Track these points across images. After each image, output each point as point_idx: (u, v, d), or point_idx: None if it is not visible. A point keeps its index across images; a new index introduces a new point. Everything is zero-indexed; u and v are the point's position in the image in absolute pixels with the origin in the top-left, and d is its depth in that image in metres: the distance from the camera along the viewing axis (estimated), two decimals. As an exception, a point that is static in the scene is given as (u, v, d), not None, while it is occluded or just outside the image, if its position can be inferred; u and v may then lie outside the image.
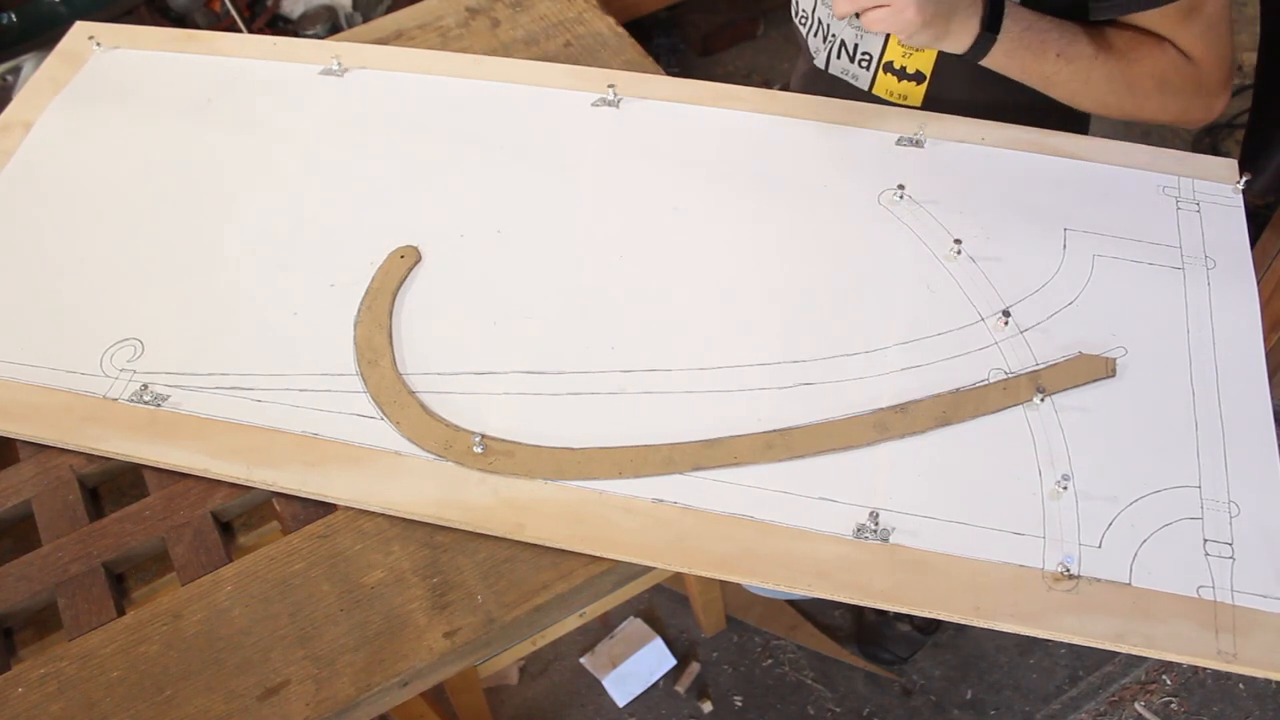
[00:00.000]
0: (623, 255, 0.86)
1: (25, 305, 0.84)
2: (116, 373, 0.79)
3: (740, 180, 0.91)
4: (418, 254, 0.85)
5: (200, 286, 0.84)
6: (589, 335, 0.80)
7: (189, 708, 0.65)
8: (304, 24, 2.06)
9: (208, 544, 0.73)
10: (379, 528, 0.73)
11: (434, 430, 0.74)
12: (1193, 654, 0.64)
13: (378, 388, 0.77)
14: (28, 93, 1.00)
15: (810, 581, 0.68)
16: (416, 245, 0.86)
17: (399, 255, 0.85)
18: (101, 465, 0.76)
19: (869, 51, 1.01)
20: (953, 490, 0.71)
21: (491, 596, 0.69)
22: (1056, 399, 0.76)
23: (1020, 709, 1.46)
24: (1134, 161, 0.91)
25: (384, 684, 0.66)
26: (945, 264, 0.84)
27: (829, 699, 1.47)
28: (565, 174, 0.92)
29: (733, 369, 0.78)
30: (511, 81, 1.00)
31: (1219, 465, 0.72)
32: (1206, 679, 1.47)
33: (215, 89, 1.00)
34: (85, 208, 0.91)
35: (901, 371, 0.77)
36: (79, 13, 1.80)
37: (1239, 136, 1.99)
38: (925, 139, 0.93)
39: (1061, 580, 0.67)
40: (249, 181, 0.92)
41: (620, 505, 0.71)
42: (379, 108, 0.98)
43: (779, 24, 2.38)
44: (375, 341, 0.79)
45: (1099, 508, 0.70)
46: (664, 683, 1.49)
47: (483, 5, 1.11)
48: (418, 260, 0.85)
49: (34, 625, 0.73)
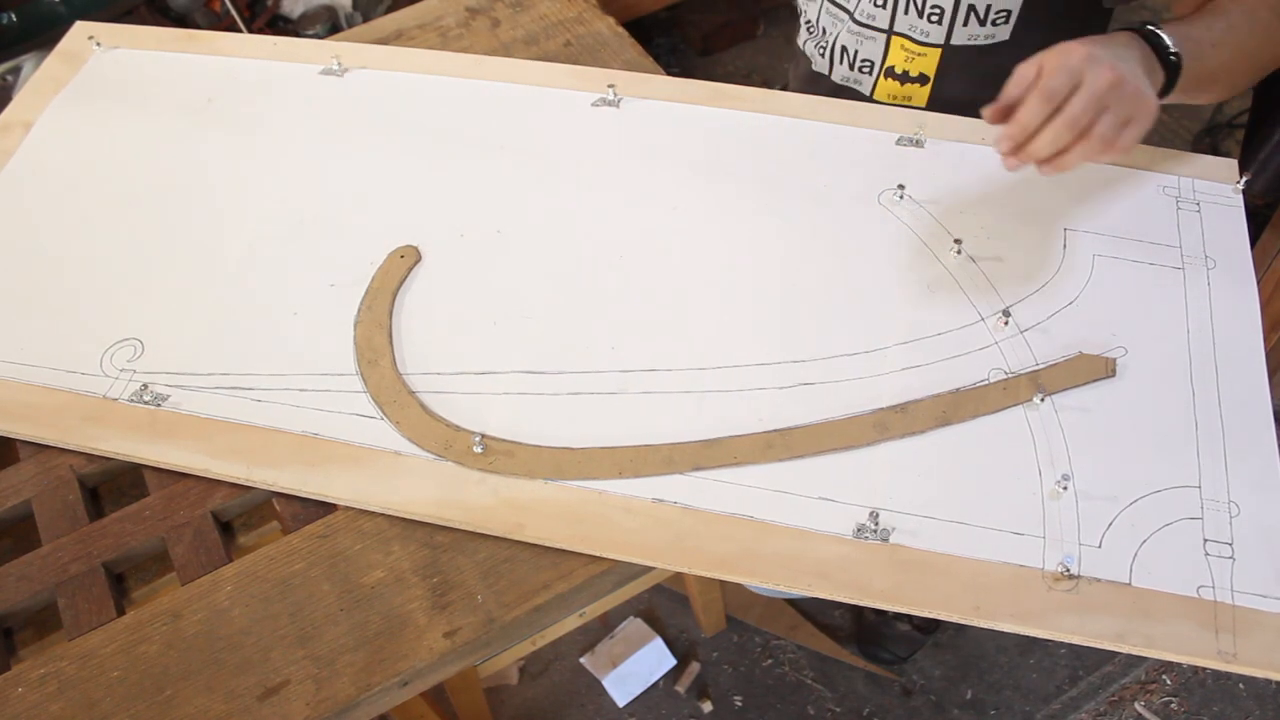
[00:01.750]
0: (623, 255, 0.86)
1: (25, 305, 0.84)
2: (116, 373, 0.79)
3: (740, 180, 0.91)
4: (417, 254, 0.85)
5: (200, 286, 0.84)
6: (589, 335, 0.80)
7: (189, 708, 0.65)
8: (304, 24, 2.06)
9: (208, 544, 0.73)
10: (379, 528, 0.73)
11: (434, 430, 0.74)
12: (1193, 654, 0.64)
13: (378, 387, 0.77)
14: (28, 93, 1.00)
15: (810, 581, 0.68)
16: (416, 245, 0.86)
17: (399, 255, 0.85)
18: (101, 465, 0.76)
19: (870, 59, 1.01)
20: (953, 490, 0.71)
21: (491, 596, 0.69)
22: (1056, 399, 0.76)
23: (1020, 709, 1.46)
24: (1134, 161, 0.91)
25: (384, 684, 0.66)
26: (945, 264, 0.84)
27: (829, 699, 1.47)
28: (565, 174, 0.92)
29: (733, 369, 0.78)
30: (511, 81, 1.00)
31: (1219, 465, 0.72)
32: (1206, 679, 1.47)
33: (215, 89, 1.00)
34: (85, 207, 0.91)
35: (901, 371, 0.77)
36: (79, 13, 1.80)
37: (1239, 136, 1.99)
38: (925, 139, 0.93)
39: (1061, 580, 0.67)
40: (249, 181, 0.92)
41: (620, 505, 0.71)
42: (379, 108, 0.98)
43: (779, 24, 2.38)
44: (375, 341, 0.79)
45: (1099, 508, 0.70)
46: (664, 683, 1.49)
47: (483, 5, 1.11)
48: (417, 260, 0.85)
49: (34, 625, 0.73)
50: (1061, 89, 0.70)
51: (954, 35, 0.95)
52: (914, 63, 0.98)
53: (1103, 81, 0.70)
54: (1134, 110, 0.71)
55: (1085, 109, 0.70)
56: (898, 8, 0.95)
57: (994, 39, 0.94)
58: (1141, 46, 0.77)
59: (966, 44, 0.95)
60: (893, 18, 0.97)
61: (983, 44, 0.95)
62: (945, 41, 0.96)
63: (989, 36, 0.94)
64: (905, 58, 0.98)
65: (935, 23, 0.94)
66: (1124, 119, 0.71)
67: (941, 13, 0.93)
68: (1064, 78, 0.70)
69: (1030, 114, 0.71)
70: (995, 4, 0.92)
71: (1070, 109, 0.70)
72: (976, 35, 0.94)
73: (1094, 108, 0.70)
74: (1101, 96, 0.70)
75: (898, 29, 0.97)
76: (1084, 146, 0.71)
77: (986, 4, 0.92)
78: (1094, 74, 0.70)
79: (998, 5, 0.92)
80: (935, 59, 0.97)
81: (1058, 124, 0.70)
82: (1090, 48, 0.72)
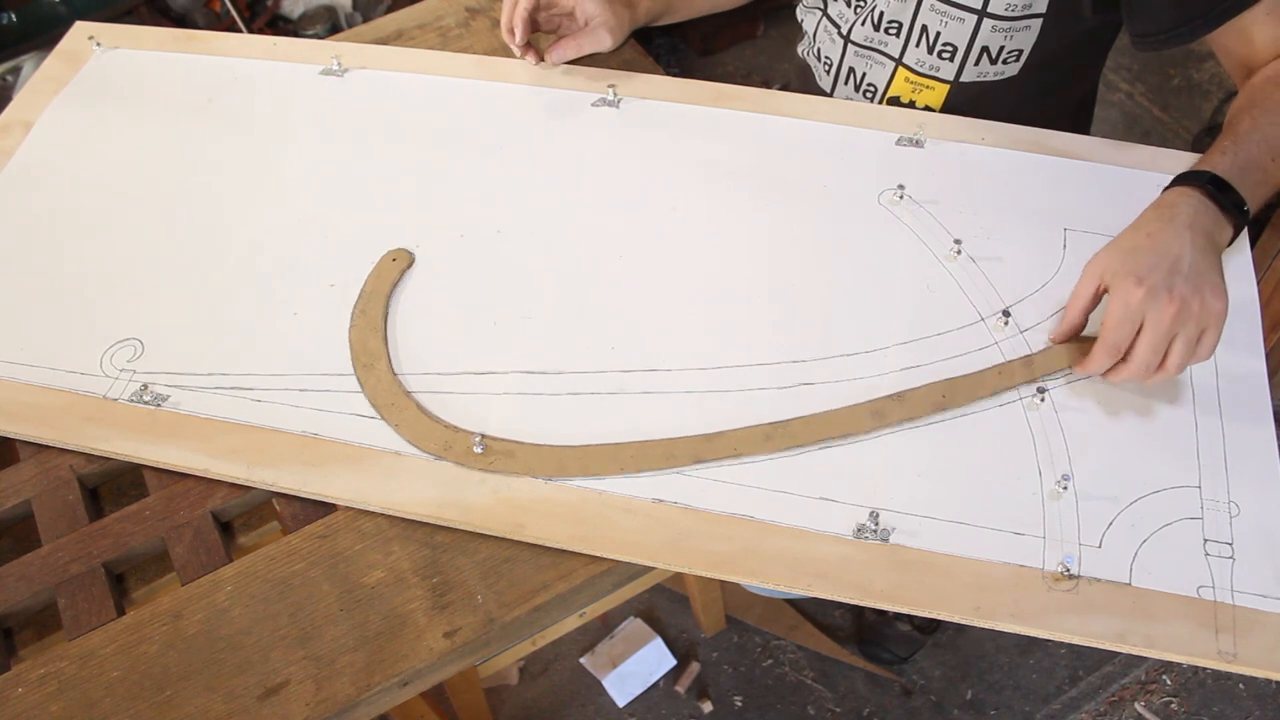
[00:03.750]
0: (622, 255, 0.86)
1: (25, 305, 0.84)
2: (116, 373, 0.79)
3: (740, 180, 0.91)
4: (410, 257, 0.85)
5: (200, 286, 0.84)
6: (589, 335, 0.80)
7: (189, 708, 0.65)
8: (304, 24, 2.06)
9: (208, 544, 0.73)
10: (379, 528, 0.73)
11: (433, 432, 0.74)
12: (1193, 654, 0.64)
13: (374, 391, 0.77)
14: (28, 93, 1.01)
15: (810, 581, 0.68)
16: (409, 248, 0.86)
17: (390, 259, 0.85)
18: (101, 465, 0.76)
19: (874, 83, 1.01)
20: (953, 490, 0.71)
21: (491, 596, 0.69)
22: (1056, 399, 0.76)
23: (1020, 709, 1.46)
24: (1134, 161, 0.91)
25: (384, 684, 0.66)
26: (945, 264, 0.84)
27: (829, 699, 1.47)
28: (565, 174, 0.92)
29: (732, 369, 0.78)
30: (511, 81, 1.00)
31: (1219, 465, 0.72)
32: (1206, 679, 1.47)
33: (215, 89, 1.00)
34: (85, 207, 0.91)
35: (901, 371, 0.77)
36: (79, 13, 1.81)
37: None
38: (925, 139, 0.93)
39: (1061, 580, 0.67)
40: (249, 181, 0.92)
41: (620, 505, 0.71)
42: (379, 108, 0.98)
43: (779, 24, 2.38)
44: (370, 345, 0.79)
45: (1099, 508, 0.70)
46: (664, 683, 1.49)
47: (483, 5, 1.11)
48: (410, 263, 0.85)
49: (34, 625, 0.72)
50: (1124, 340, 0.70)
51: (964, 73, 0.95)
52: (920, 94, 0.98)
53: (1166, 318, 0.68)
54: (1205, 322, 0.69)
55: (1154, 351, 0.69)
56: (910, 38, 0.95)
57: (1003, 75, 0.94)
58: (1206, 210, 0.74)
59: (975, 80, 0.95)
60: (904, 48, 0.96)
61: (991, 80, 0.95)
62: (955, 79, 0.95)
63: (999, 74, 0.94)
64: (911, 89, 0.98)
65: (947, 59, 0.94)
66: (1196, 335, 0.69)
67: (954, 51, 0.93)
68: (1126, 329, 0.70)
69: (1099, 364, 0.72)
70: (1008, 45, 0.91)
71: (1138, 357, 0.70)
72: (986, 73, 0.94)
73: (1162, 346, 0.69)
74: (1167, 332, 0.69)
75: (906, 60, 0.97)
76: (1163, 375, 0.71)
77: (1000, 46, 0.92)
78: (1155, 313, 0.69)
79: (1010, 45, 0.91)
80: (943, 94, 0.97)
81: (1130, 370, 0.71)
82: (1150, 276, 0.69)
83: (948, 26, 0.91)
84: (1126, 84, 2.27)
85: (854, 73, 1.02)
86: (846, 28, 1.00)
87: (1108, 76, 2.25)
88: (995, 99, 0.95)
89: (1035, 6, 0.88)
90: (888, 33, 0.96)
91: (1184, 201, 0.74)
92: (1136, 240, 0.72)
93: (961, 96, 0.96)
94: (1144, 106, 2.23)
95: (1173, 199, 0.75)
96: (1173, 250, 0.71)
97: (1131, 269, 0.70)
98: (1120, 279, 0.71)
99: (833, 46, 1.02)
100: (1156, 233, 0.72)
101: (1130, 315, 0.70)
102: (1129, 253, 0.72)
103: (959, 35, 0.91)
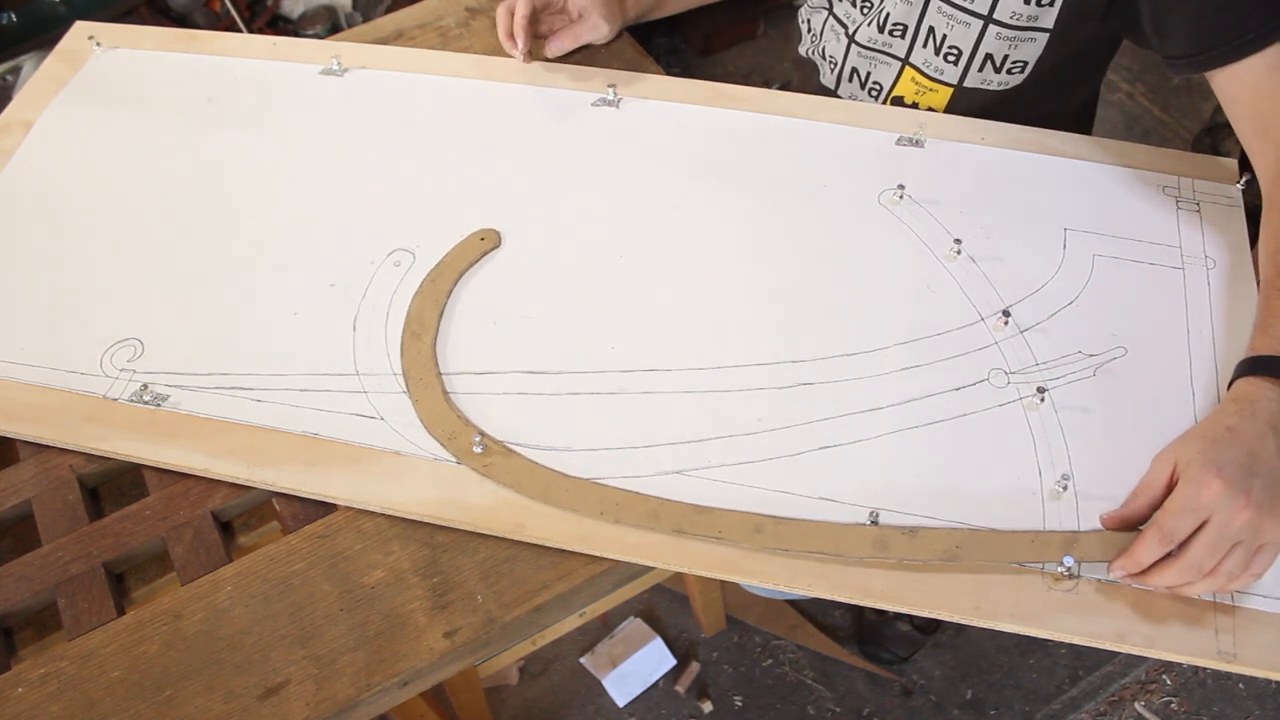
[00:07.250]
0: (623, 255, 0.86)
1: (25, 305, 0.84)
2: (116, 373, 0.79)
3: (740, 180, 0.91)
4: (498, 238, 0.86)
5: (200, 286, 0.84)
6: (589, 335, 0.80)
7: (189, 708, 0.65)
8: (304, 24, 2.06)
9: (208, 544, 0.73)
10: (379, 528, 0.73)
11: (446, 418, 0.74)
12: (1193, 654, 0.64)
13: (412, 361, 0.77)
14: (28, 93, 1.00)
15: (810, 581, 0.68)
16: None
17: (479, 237, 0.86)
18: (101, 465, 0.76)
19: (880, 82, 1.01)
20: (953, 490, 0.71)
21: (491, 596, 0.69)
22: (1056, 399, 0.76)
23: (1020, 709, 1.46)
24: (1134, 161, 0.91)
25: (384, 684, 0.66)
26: (945, 264, 0.84)
27: (829, 699, 1.47)
28: (565, 174, 0.92)
29: (732, 369, 0.78)
30: (511, 81, 1.00)
31: (1219, 465, 0.72)
32: (1206, 679, 1.47)
33: (215, 89, 1.00)
34: (85, 207, 0.91)
35: (901, 371, 0.77)
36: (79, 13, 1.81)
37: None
38: (925, 139, 0.93)
39: (1062, 580, 0.67)
40: (249, 181, 0.92)
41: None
42: (379, 108, 0.98)
43: (779, 24, 2.38)
44: (425, 316, 0.80)
45: (1099, 508, 0.70)
46: (664, 683, 1.49)
47: (483, 5, 1.11)
48: (496, 245, 0.86)
49: (34, 625, 0.72)
50: (1184, 531, 0.63)
51: (968, 78, 0.95)
52: (924, 96, 0.98)
53: (1236, 521, 0.62)
54: (1267, 538, 0.63)
55: (1211, 553, 0.62)
56: (916, 39, 0.95)
57: (1007, 85, 0.94)
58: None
59: (980, 87, 0.95)
60: (910, 48, 0.96)
61: (996, 89, 0.95)
62: (959, 83, 0.95)
63: (1003, 84, 0.94)
64: (915, 90, 0.98)
65: (951, 63, 0.94)
66: (1255, 549, 0.63)
67: (959, 55, 0.93)
68: (1189, 520, 0.63)
69: (1147, 553, 0.64)
70: (1012, 55, 0.91)
71: (1193, 554, 0.63)
72: (990, 81, 0.94)
73: (1221, 550, 0.62)
74: (1232, 536, 0.62)
75: (913, 60, 0.97)
76: (1208, 583, 0.64)
77: (1004, 54, 0.91)
78: (1226, 514, 0.62)
79: (1015, 56, 0.91)
80: (946, 96, 0.97)
81: (1178, 567, 0.63)
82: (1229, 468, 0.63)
83: (954, 30, 0.91)
84: (1126, 84, 2.27)
85: (858, 72, 1.02)
86: (853, 29, 1.00)
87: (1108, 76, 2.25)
88: (997, 107, 0.95)
89: (1042, 20, 0.88)
90: (893, 35, 0.96)
91: (1264, 397, 0.67)
92: (1215, 431, 0.66)
93: (965, 100, 0.96)
94: (1144, 106, 2.23)
95: (1251, 393, 0.68)
96: (1254, 449, 0.64)
97: (1212, 459, 0.64)
98: (1198, 467, 0.64)
99: (838, 46, 1.02)
100: (1237, 427, 0.66)
101: (1199, 506, 0.63)
102: (1209, 442, 0.65)
103: (964, 39, 0.91)
